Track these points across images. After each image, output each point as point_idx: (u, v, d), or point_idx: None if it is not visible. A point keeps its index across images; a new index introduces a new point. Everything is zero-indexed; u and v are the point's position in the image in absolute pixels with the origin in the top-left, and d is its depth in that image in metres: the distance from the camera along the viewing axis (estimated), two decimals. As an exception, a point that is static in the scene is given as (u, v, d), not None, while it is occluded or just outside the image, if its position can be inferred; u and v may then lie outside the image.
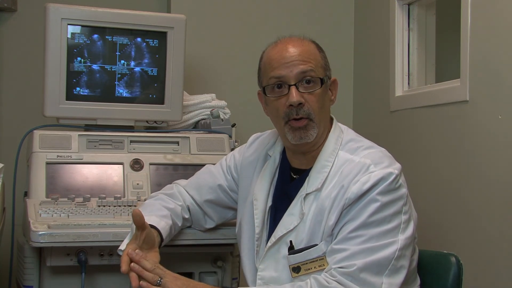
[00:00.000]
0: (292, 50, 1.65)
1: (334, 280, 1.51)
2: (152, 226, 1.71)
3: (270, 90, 1.67)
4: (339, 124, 1.76)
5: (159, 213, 1.79)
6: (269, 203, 1.74)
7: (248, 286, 1.73)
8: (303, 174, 1.70)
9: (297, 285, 1.54)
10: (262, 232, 1.72)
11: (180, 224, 1.87)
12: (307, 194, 1.65)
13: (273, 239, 1.67)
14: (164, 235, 1.75)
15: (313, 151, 1.70)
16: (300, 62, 1.64)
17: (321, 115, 1.66)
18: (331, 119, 1.75)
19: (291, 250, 1.63)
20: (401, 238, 1.55)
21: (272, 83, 1.66)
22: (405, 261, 1.56)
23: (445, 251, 1.76)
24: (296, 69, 1.63)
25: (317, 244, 1.60)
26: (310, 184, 1.65)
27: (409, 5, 2.77)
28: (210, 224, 1.94)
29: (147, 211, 1.78)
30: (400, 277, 1.55)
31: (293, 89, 1.62)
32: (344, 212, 1.57)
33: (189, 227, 1.94)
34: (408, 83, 2.77)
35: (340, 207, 1.57)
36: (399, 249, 1.54)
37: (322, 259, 1.59)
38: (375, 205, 1.54)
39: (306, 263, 1.60)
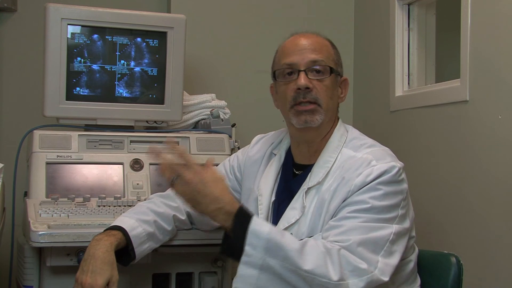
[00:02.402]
0: (306, 40, 1.72)
1: (333, 247, 1.51)
2: (123, 231, 1.70)
3: (281, 75, 1.72)
4: (344, 124, 1.79)
5: (141, 217, 1.77)
6: (273, 198, 1.76)
7: None
8: (306, 169, 1.72)
9: (306, 240, 1.52)
10: None
11: (169, 228, 1.84)
12: (308, 189, 1.67)
13: None
14: (135, 243, 1.71)
15: (316, 142, 1.71)
16: (311, 51, 1.69)
17: (329, 105, 1.69)
18: (338, 119, 1.78)
19: None
20: (396, 226, 1.57)
21: (284, 68, 1.71)
22: (399, 247, 1.57)
23: (445, 251, 1.76)
24: (307, 57, 1.68)
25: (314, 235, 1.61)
26: (312, 178, 1.67)
27: (409, 5, 2.77)
28: None
29: (132, 213, 1.79)
30: (394, 260, 1.55)
31: (302, 74, 1.67)
32: (346, 201, 1.59)
33: (190, 229, 1.93)
34: (408, 83, 2.77)
35: (341, 199, 1.59)
36: (394, 233, 1.55)
37: None
38: (376, 193, 1.55)
39: None
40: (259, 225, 1.50)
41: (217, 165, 1.98)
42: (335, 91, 1.73)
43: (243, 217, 1.51)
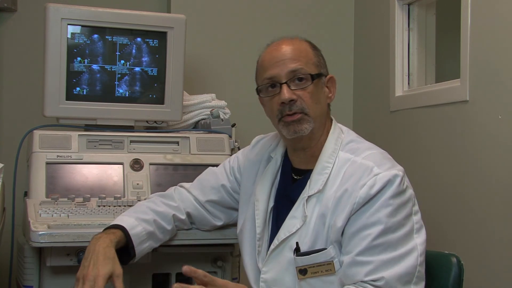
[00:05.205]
0: (283, 50, 1.69)
1: None
2: (123, 230, 1.71)
3: (264, 91, 1.71)
4: (340, 125, 1.76)
5: (141, 216, 1.78)
6: (271, 204, 1.75)
7: (250, 286, 1.73)
8: (305, 176, 1.70)
9: None
10: (263, 232, 1.73)
11: (169, 228, 1.84)
12: (309, 197, 1.65)
13: (276, 241, 1.67)
14: (135, 241, 1.73)
15: (312, 147, 1.70)
16: (290, 61, 1.67)
17: (316, 110, 1.67)
18: (331, 120, 1.76)
19: (299, 252, 1.63)
20: (418, 242, 1.57)
21: (266, 83, 1.69)
22: (423, 267, 1.58)
23: (445, 252, 1.75)
24: (286, 68, 1.66)
25: (326, 249, 1.60)
26: (312, 186, 1.65)
27: (409, 5, 2.77)
28: (218, 222, 1.93)
29: (132, 212, 1.80)
30: (422, 284, 1.57)
31: (285, 86, 1.65)
32: (353, 217, 1.56)
33: (190, 229, 1.93)
34: (408, 83, 2.77)
35: (347, 212, 1.57)
36: (420, 254, 1.56)
37: (330, 263, 1.59)
38: (387, 210, 1.54)
39: (314, 266, 1.60)
40: None
41: (217, 165, 1.98)
42: (322, 93, 1.70)
43: None
